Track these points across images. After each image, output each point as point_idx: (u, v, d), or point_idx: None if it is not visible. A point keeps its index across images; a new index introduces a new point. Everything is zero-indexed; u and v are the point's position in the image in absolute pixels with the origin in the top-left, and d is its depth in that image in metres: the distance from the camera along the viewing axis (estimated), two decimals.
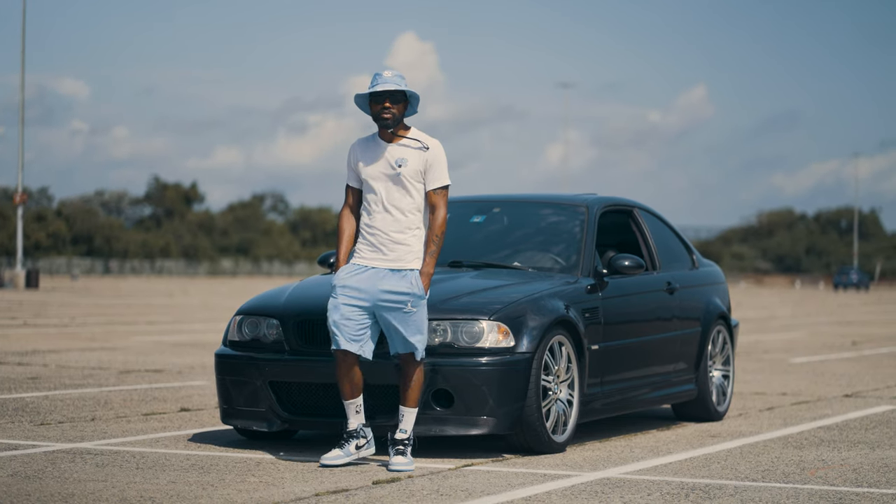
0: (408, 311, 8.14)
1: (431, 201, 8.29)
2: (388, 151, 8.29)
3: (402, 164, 8.23)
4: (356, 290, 8.17)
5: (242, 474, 7.87)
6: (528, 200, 10.90)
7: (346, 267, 8.27)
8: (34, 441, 9.13)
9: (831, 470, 8.40)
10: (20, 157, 60.48)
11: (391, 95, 8.22)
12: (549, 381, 8.96)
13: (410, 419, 8.28)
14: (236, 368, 9.08)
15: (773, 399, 13.07)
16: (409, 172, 8.23)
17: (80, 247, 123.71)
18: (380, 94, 8.23)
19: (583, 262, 9.96)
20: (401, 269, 8.18)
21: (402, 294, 8.14)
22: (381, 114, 8.24)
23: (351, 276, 8.21)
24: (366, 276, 8.18)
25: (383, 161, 8.28)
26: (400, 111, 8.25)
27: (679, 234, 11.76)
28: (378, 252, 8.21)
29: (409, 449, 8.22)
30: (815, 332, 28.55)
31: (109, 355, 17.46)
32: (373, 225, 8.26)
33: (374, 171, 8.28)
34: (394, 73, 8.26)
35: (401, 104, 8.25)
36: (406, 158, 8.24)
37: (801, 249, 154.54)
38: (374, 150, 8.33)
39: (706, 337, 11.22)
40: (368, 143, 8.39)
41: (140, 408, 11.30)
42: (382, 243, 8.20)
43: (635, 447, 9.44)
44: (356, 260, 8.27)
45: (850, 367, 17.65)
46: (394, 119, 8.24)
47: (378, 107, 8.24)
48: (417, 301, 8.17)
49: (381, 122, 8.26)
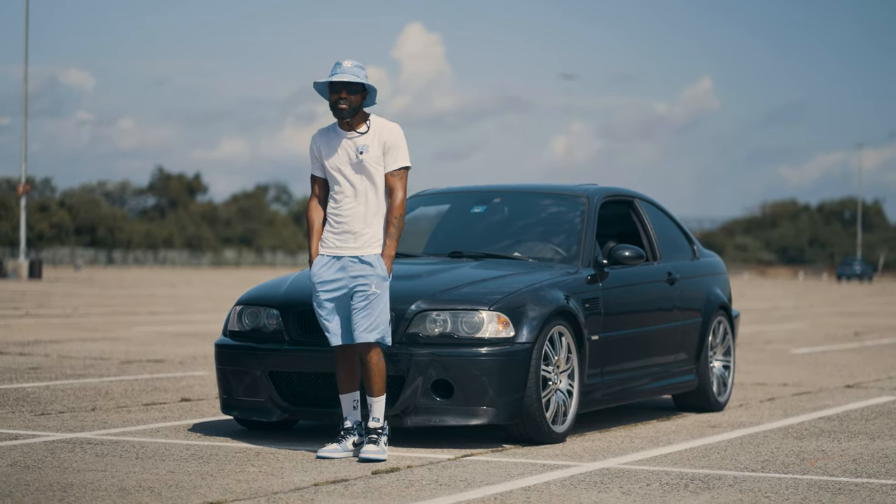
0: (371, 292, 8.11)
1: (389, 183, 8.26)
2: (349, 140, 8.27)
3: (363, 152, 8.22)
4: (333, 283, 8.19)
5: (242, 464, 7.88)
6: (529, 191, 10.89)
7: (318, 260, 8.27)
8: (34, 431, 9.13)
9: (831, 460, 8.39)
10: (23, 148, 60.46)
11: (348, 86, 8.19)
12: (549, 372, 8.96)
13: (380, 407, 8.22)
14: (236, 358, 9.08)
15: (774, 390, 13.07)
16: (372, 159, 8.21)
17: (84, 237, 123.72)
18: (337, 84, 8.21)
19: (583, 253, 9.95)
20: (365, 255, 8.17)
21: (366, 276, 8.14)
22: (337, 104, 8.21)
23: (325, 270, 8.22)
24: (338, 266, 8.19)
25: (345, 150, 8.26)
26: (356, 102, 8.21)
27: (680, 224, 11.75)
28: (344, 241, 8.20)
29: (382, 438, 8.17)
30: (817, 323, 28.54)
31: (111, 345, 17.47)
32: (340, 213, 8.24)
33: (338, 160, 8.26)
34: (354, 64, 8.22)
35: (358, 95, 8.21)
36: (367, 145, 8.23)
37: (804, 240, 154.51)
38: (335, 140, 8.31)
39: (707, 327, 11.21)
40: (329, 133, 8.37)
41: (141, 398, 11.30)
42: (350, 231, 8.19)
43: (635, 437, 9.43)
44: (325, 250, 8.26)
45: (852, 358, 17.64)
46: (349, 109, 8.20)
47: (335, 97, 8.21)
48: (381, 283, 8.15)
49: (336, 113, 8.23)
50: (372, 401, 8.22)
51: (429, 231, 10.89)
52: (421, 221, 10.99)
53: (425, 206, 10.99)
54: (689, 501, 6.87)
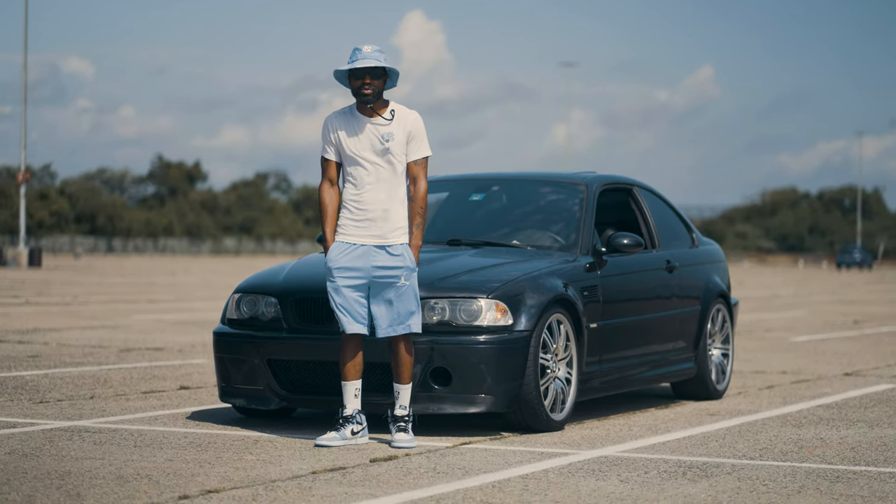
0: (401, 284, 8.12)
1: (412, 173, 8.25)
2: (373, 126, 8.24)
3: (389, 139, 8.19)
4: (352, 270, 8.15)
5: (240, 452, 7.87)
6: (528, 179, 10.88)
7: (336, 246, 8.22)
8: (32, 419, 9.13)
9: (829, 448, 8.39)
10: (23, 136, 60.43)
11: (371, 71, 8.17)
12: (548, 360, 8.95)
13: (407, 395, 8.27)
14: (234, 347, 9.07)
15: (773, 377, 13.07)
16: (397, 146, 8.20)
17: (84, 225, 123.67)
18: (359, 70, 8.19)
19: (582, 241, 9.94)
20: (390, 244, 8.16)
21: (395, 268, 8.12)
22: (361, 90, 8.18)
23: (343, 257, 8.18)
24: (358, 254, 8.16)
25: (369, 136, 8.21)
26: (380, 87, 8.20)
27: (679, 212, 11.74)
28: (366, 228, 8.17)
29: (410, 425, 8.23)
30: (816, 311, 28.55)
31: (110, 334, 17.47)
32: (361, 199, 8.20)
33: (360, 145, 8.22)
34: (373, 49, 8.19)
35: (381, 79, 8.20)
36: (392, 132, 8.20)
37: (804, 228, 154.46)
38: (356, 125, 8.26)
39: (705, 315, 11.21)
40: (347, 117, 8.31)
41: (139, 386, 11.30)
42: (372, 219, 8.16)
43: (634, 425, 9.43)
44: (343, 237, 8.22)
45: (851, 346, 17.64)
46: (374, 94, 8.20)
47: (358, 83, 8.18)
48: (410, 274, 8.15)
49: (361, 98, 8.20)
50: (400, 388, 8.25)
51: (427, 219, 10.87)
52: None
53: None
54: (687, 489, 6.87)
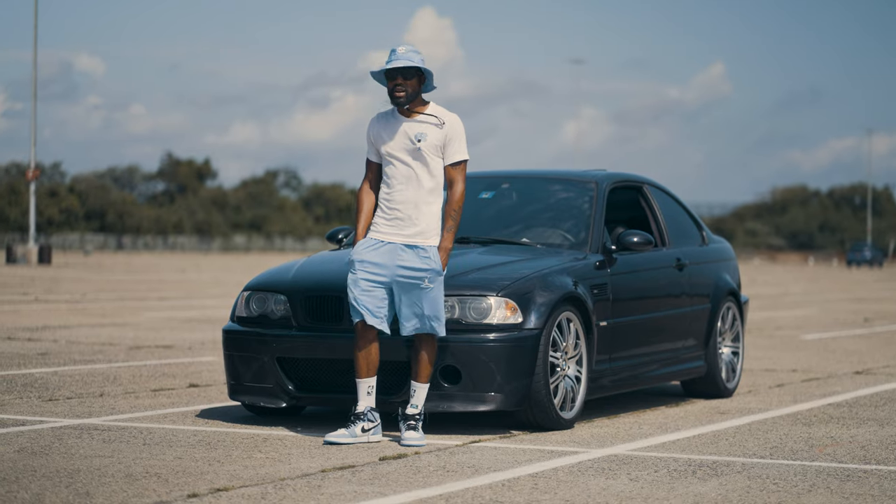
0: (425, 287, 8.12)
1: (449, 176, 8.27)
2: (407, 126, 8.25)
3: (421, 139, 8.20)
4: (375, 266, 8.16)
5: (249, 450, 7.87)
6: (538, 176, 10.85)
7: (364, 241, 8.24)
8: (42, 417, 9.13)
9: (840, 447, 8.37)
10: (33, 133, 60.48)
11: (403, 72, 8.18)
12: (558, 358, 8.94)
13: (422, 395, 8.27)
14: (244, 344, 9.07)
15: (784, 376, 13.04)
16: (429, 147, 8.20)
17: (93, 222, 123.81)
18: (393, 71, 8.20)
19: (592, 239, 9.92)
20: (418, 245, 8.15)
21: (421, 270, 8.12)
22: (394, 91, 8.22)
23: (368, 251, 8.18)
24: (384, 251, 8.16)
25: (403, 136, 8.24)
26: (414, 87, 8.22)
27: (689, 210, 11.72)
28: (396, 227, 8.18)
29: (420, 424, 8.22)
30: (827, 309, 28.50)
31: (120, 331, 17.48)
32: (392, 199, 8.22)
33: (394, 145, 8.25)
34: (408, 49, 8.22)
35: (414, 80, 8.21)
36: (425, 133, 8.21)
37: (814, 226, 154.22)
38: (393, 125, 8.30)
39: (716, 313, 11.18)
40: (388, 117, 8.35)
41: (149, 383, 11.30)
42: (401, 218, 8.18)
43: (644, 424, 9.42)
44: (373, 234, 8.24)
45: (861, 344, 17.61)
46: (407, 96, 8.21)
47: (391, 83, 8.22)
48: (435, 277, 8.14)
49: (394, 100, 8.24)
50: (417, 386, 8.26)
51: None
52: None
53: None
54: (697, 488, 6.85)
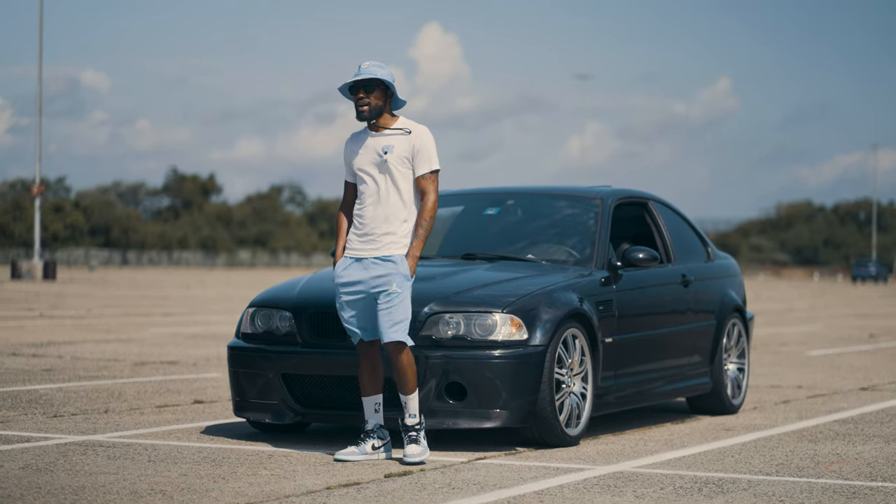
0: (392, 291, 8.07)
1: (421, 186, 8.24)
2: (374, 141, 8.24)
3: (388, 151, 8.18)
4: (353, 285, 8.17)
5: (254, 467, 7.86)
6: (543, 192, 10.86)
7: (341, 262, 8.26)
8: (47, 433, 9.12)
9: (846, 464, 8.35)
10: (38, 149, 60.56)
11: (365, 86, 8.16)
12: (563, 374, 8.93)
13: (414, 403, 8.21)
14: (249, 361, 9.06)
15: (789, 392, 13.02)
16: (396, 159, 8.17)
17: (98, 238, 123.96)
18: (355, 86, 8.19)
19: (597, 255, 9.91)
20: (386, 256, 8.13)
21: (388, 276, 8.09)
22: (357, 105, 8.20)
23: (347, 271, 8.19)
24: (359, 267, 8.16)
25: (370, 150, 8.23)
26: (377, 100, 8.19)
27: (694, 226, 11.71)
28: (367, 243, 8.17)
29: (421, 433, 8.17)
30: (832, 325, 28.46)
31: (125, 347, 17.47)
32: (363, 215, 8.22)
33: (362, 161, 8.25)
34: (372, 64, 8.19)
35: (377, 92, 8.18)
36: (392, 145, 8.20)
37: (819, 241, 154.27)
38: (362, 141, 8.29)
39: (721, 330, 11.17)
40: (359, 135, 8.36)
41: (154, 400, 11.29)
42: (370, 233, 8.17)
43: (649, 440, 9.40)
44: (348, 252, 8.25)
45: (867, 360, 17.58)
46: (370, 110, 8.17)
47: (355, 97, 8.20)
48: (403, 281, 8.11)
49: (358, 114, 8.21)
50: (405, 399, 8.20)
51: (442, 233, 10.86)
52: (434, 223, 10.95)
53: (439, 207, 10.95)
54: None
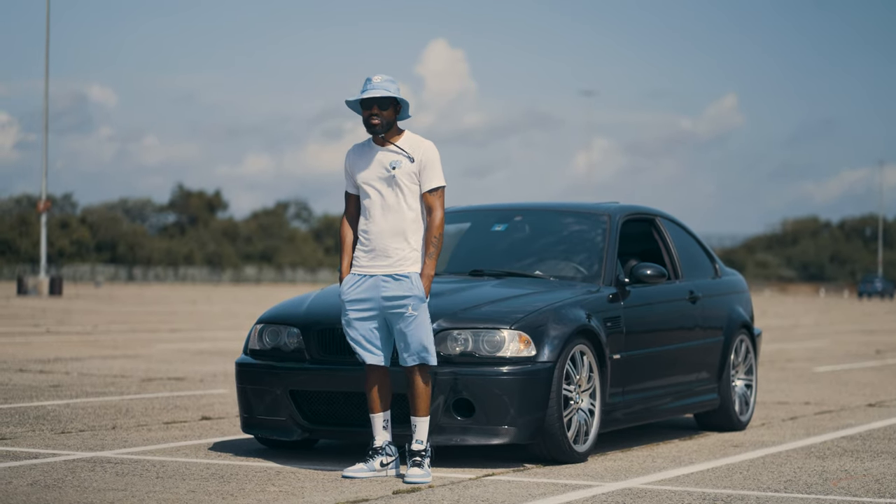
0: (409, 314, 8.06)
1: (427, 203, 8.21)
2: (382, 155, 8.22)
3: (396, 167, 8.16)
4: (362, 302, 8.14)
5: (262, 483, 7.85)
6: (550, 209, 10.86)
7: (348, 279, 8.21)
8: (54, 450, 9.12)
9: (854, 480, 8.34)
10: (44, 164, 60.67)
11: (379, 102, 8.16)
12: (571, 391, 8.92)
13: (424, 428, 8.20)
14: (257, 377, 9.06)
15: (796, 408, 13.00)
16: (403, 174, 8.15)
17: (104, 254, 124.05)
18: (368, 101, 8.18)
19: (605, 271, 9.91)
20: (400, 274, 8.12)
21: (403, 297, 8.08)
22: (369, 120, 8.17)
23: (354, 289, 8.16)
24: (368, 285, 8.13)
25: (378, 164, 8.21)
26: (389, 116, 8.18)
27: (701, 242, 11.71)
28: (376, 258, 8.15)
29: (426, 460, 8.15)
30: (839, 341, 28.42)
31: (132, 363, 17.48)
32: (369, 230, 8.19)
33: (369, 175, 8.22)
34: (384, 79, 8.17)
35: (390, 109, 8.17)
36: (400, 161, 8.17)
37: (825, 257, 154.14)
38: (368, 155, 8.27)
39: (729, 346, 11.16)
40: (363, 148, 8.33)
41: (161, 416, 11.29)
42: (379, 248, 8.14)
43: (657, 457, 9.39)
44: (355, 269, 8.21)
45: (874, 377, 17.56)
46: (382, 125, 8.17)
47: (367, 113, 8.17)
48: (418, 304, 8.09)
49: (369, 129, 8.19)
50: (416, 421, 8.17)
51: (450, 249, 10.86)
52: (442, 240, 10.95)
53: (446, 223, 10.94)
54: None
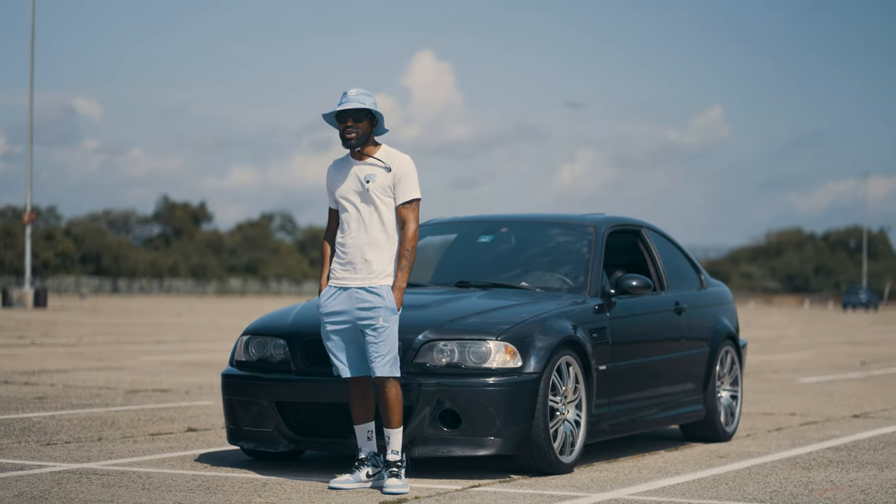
0: (380, 326, 8.05)
1: (401, 216, 8.22)
2: (357, 169, 8.24)
3: (370, 180, 8.18)
4: (338, 315, 8.16)
5: (248, 495, 7.85)
6: (536, 220, 10.88)
7: (325, 292, 8.24)
8: (40, 461, 9.11)
9: (839, 491, 8.36)
10: (28, 176, 60.58)
11: (354, 114, 8.16)
12: (557, 402, 8.93)
13: (398, 439, 8.18)
14: (243, 389, 9.05)
15: (782, 419, 13.03)
16: (378, 188, 8.17)
17: (89, 266, 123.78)
18: (343, 114, 8.19)
19: (590, 282, 9.93)
20: (372, 287, 8.13)
21: (375, 309, 8.08)
22: (344, 133, 8.20)
23: (331, 301, 8.19)
24: (343, 297, 8.15)
25: (353, 178, 8.23)
26: (365, 129, 8.19)
27: (687, 253, 11.74)
28: (350, 271, 8.17)
29: (402, 470, 8.14)
30: (823, 352, 28.47)
31: (117, 375, 17.45)
32: (346, 243, 8.21)
33: (345, 189, 8.24)
34: (359, 92, 8.19)
35: (365, 122, 8.18)
36: (374, 174, 8.19)
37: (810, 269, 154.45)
38: (345, 169, 8.29)
39: (714, 357, 11.18)
40: (342, 163, 8.36)
41: (147, 428, 11.28)
42: (354, 262, 8.16)
43: (643, 468, 9.40)
44: (332, 282, 8.24)
45: (858, 388, 17.59)
46: (358, 138, 8.18)
47: (342, 126, 8.19)
48: (389, 315, 8.09)
49: (345, 142, 8.21)
50: (389, 433, 8.17)
51: (436, 260, 10.88)
52: (428, 251, 10.98)
53: (432, 235, 10.97)
54: None
